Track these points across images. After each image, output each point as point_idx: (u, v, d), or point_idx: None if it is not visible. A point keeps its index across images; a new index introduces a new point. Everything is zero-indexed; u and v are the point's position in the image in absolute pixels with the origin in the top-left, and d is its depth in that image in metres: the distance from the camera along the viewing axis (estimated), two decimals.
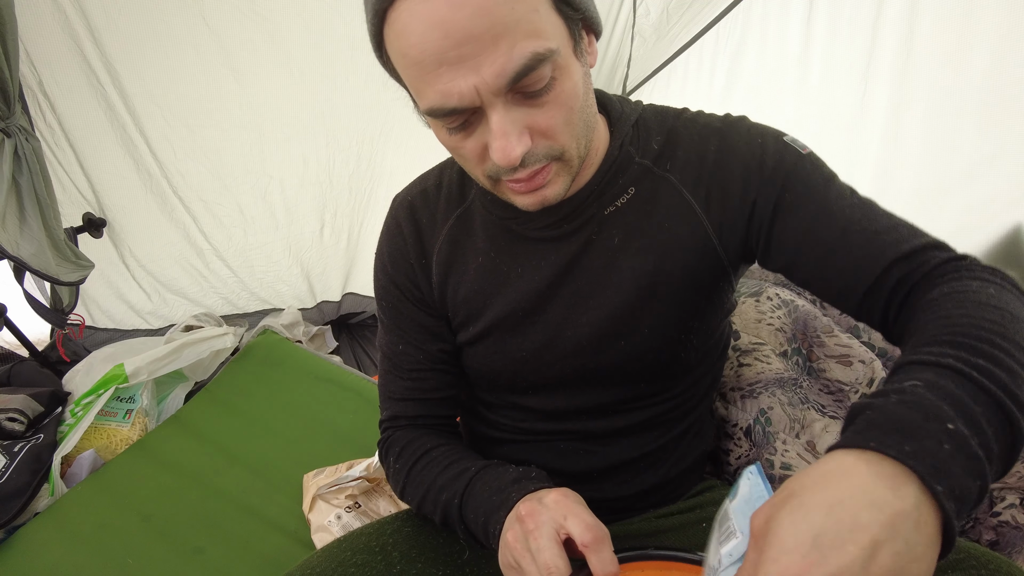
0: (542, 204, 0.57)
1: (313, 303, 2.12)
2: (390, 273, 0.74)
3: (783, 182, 0.61)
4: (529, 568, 0.51)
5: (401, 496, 0.74)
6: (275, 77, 1.63)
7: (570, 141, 0.55)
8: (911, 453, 0.37)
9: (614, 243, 0.65)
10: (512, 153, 0.50)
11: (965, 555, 0.55)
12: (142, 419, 1.44)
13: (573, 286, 0.67)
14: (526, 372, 0.71)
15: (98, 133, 1.57)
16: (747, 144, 0.63)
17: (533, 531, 0.52)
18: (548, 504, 0.54)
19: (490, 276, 0.69)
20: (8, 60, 1.26)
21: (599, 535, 0.51)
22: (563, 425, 0.73)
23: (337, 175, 1.86)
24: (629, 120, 0.66)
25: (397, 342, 0.75)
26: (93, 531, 1.16)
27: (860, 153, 1.50)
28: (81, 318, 1.72)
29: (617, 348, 0.67)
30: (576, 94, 0.53)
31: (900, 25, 1.34)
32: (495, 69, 0.47)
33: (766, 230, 0.62)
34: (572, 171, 0.57)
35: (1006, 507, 0.86)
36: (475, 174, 0.58)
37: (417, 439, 0.73)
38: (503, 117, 0.50)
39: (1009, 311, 0.47)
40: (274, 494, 1.23)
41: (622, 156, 0.65)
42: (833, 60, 1.46)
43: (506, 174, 0.54)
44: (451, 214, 0.71)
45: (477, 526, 0.61)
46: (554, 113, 0.52)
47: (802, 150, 0.63)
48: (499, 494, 0.60)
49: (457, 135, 0.53)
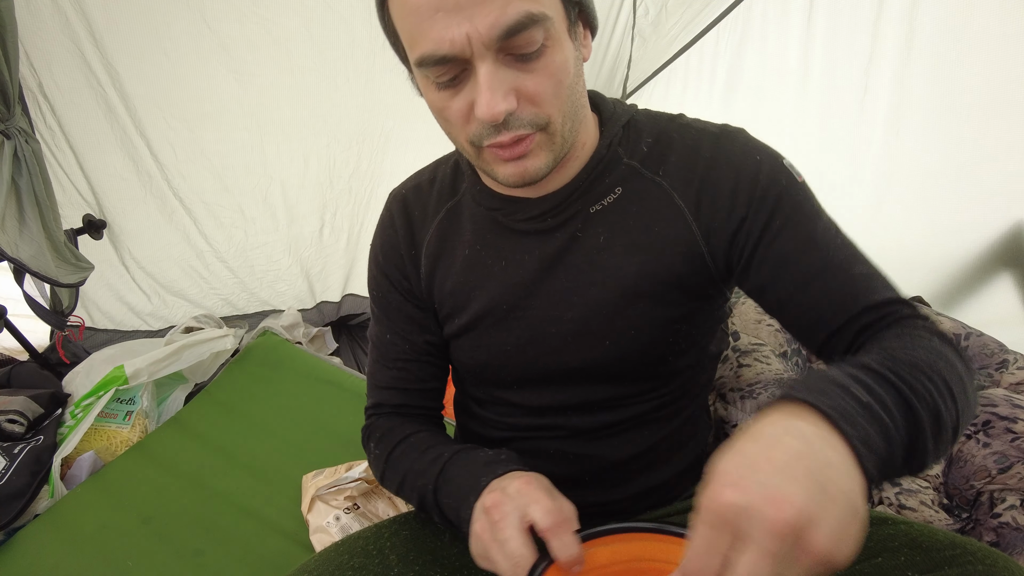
0: (523, 177, 0.57)
1: (313, 304, 2.12)
2: (381, 264, 0.76)
3: (775, 204, 0.61)
4: (498, 558, 0.53)
5: (381, 481, 0.75)
6: (276, 78, 1.63)
7: (556, 114, 0.55)
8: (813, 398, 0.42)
9: (599, 241, 0.65)
10: (496, 108, 0.51)
11: (962, 551, 0.55)
12: (142, 421, 1.44)
13: (557, 282, 0.67)
14: (511, 366, 0.71)
15: (98, 134, 1.57)
16: (742, 156, 0.63)
17: (499, 522, 0.53)
18: (511, 494, 0.55)
19: (475, 269, 0.70)
20: (8, 62, 1.26)
21: (559, 519, 0.52)
22: (549, 420, 0.73)
23: (337, 176, 1.86)
24: (620, 121, 0.66)
25: (385, 332, 0.76)
26: (93, 533, 1.16)
27: (861, 153, 1.50)
28: (81, 320, 1.72)
29: (602, 347, 0.67)
30: (566, 69, 0.54)
31: (900, 24, 1.34)
32: (489, 20, 0.48)
33: (750, 249, 0.63)
34: (555, 148, 0.57)
35: (1006, 508, 0.86)
36: (459, 141, 0.59)
37: (398, 426, 0.75)
38: (491, 73, 0.51)
39: (945, 357, 0.50)
40: (274, 495, 1.23)
41: (610, 155, 0.65)
42: (834, 60, 1.46)
43: (488, 137, 0.55)
44: (442, 207, 0.72)
45: (452, 512, 0.62)
46: (542, 80, 0.53)
47: (797, 177, 0.63)
48: (470, 479, 0.61)
49: (445, 92, 0.54)
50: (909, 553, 0.57)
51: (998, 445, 0.89)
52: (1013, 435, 0.88)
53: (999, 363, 1.02)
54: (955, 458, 0.92)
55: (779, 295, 0.62)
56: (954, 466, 0.92)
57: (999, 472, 0.87)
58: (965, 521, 0.89)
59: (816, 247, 0.60)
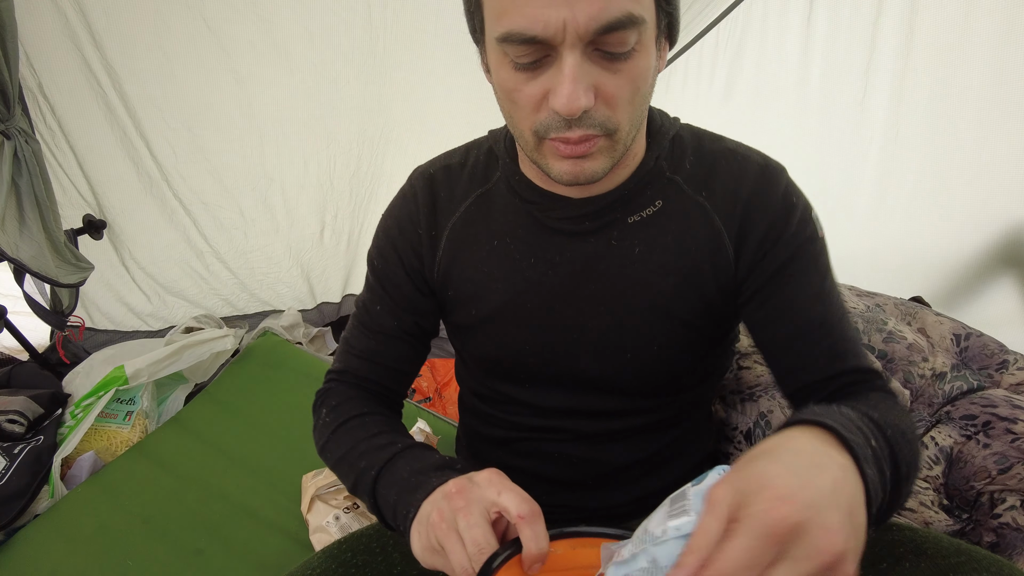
0: (578, 177, 0.56)
1: (313, 304, 2.12)
2: (394, 237, 0.73)
3: (795, 251, 0.63)
4: (454, 548, 0.49)
5: (320, 451, 0.72)
6: (276, 79, 1.63)
7: (626, 122, 0.54)
8: (847, 434, 0.44)
9: (634, 254, 0.65)
10: (577, 102, 0.50)
11: (966, 557, 0.55)
12: (142, 421, 1.44)
13: (586, 289, 0.66)
14: (525, 365, 0.71)
15: (98, 135, 1.57)
16: (783, 199, 0.64)
17: (463, 508, 0.50)
18: (479, 482, 0.52)
19: (502, 261, 0.68)
20: (8, 62, 1.26)
21: (535, 509, 0.50)
22: (555, 423, 0.73)
23: (338, 177, 1.86)
24: (667, 135, 0.66)
25: (376, 302, 0.75)
26: (93, 533, 1.16)
27: (861, 154, 1.50)
28: (81, 320, 1.72)
29: (622, 360, 0.67)
30: (647, 77, 0.54)
31: (900, 25, 1.34)
32: (591, 11, 0.47)
33: (760, 285, 0.64)
34: (615, 155, 0.57)
35: (1006, 509, 0.86)
36: (521, 128, 0.57)
37: (357, 398, 0.73)
38: (578, 65, 0.49)
39: (913, 428, 0.57)
40: (274, 495, 1.23)
41: (656, 168, 0.64)
42: (834, 60, 1.46)
43: (556, 130, 0.53)
44: (472, 193, 0.70)
45: (387, 504, 0.60)
46: (624, 84, 0.52)
47: (820, 231, 0.65)
48: (418, 476, 0.58)
49: (522, 74, 0.52)
50: (914, 560, 0.57)
51: (998, 446, 0.89)
52: (1013, 436, 0.88)
53: (999, 364, 1.02)
54: (955, 459, 0.92)
55: (774, 335, 0.65)
56: (954, 467, 0.92)
57: (999, 473, 0.87)
58: (965, 522, 0.89)
59: (820, 302, 0.63)
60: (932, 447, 0.93)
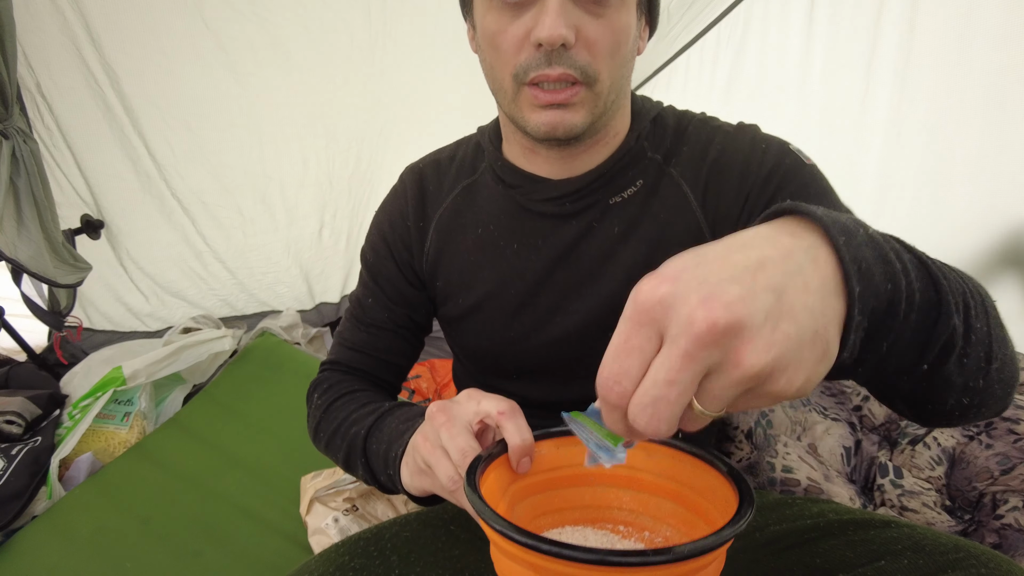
0: (556, 128, 0.57)
1: (312, 305, 2.11)
2: (385, 232, 0.75)
3: (779, 183, 0.62)
4: (439, 462, 0.50)
5: (314, 436, 0.73)
6: (275, 78, 1.63)
7: (606, 74, 0.56)
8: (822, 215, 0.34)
9: (614, 233, 0.65)
10: (558, 29, 0.52)
11: (964, 553, 0.54)
12: (140, 422, 1.43)
13: (568, 272, 0.67)
14: (512, 354, 0.71)
15: (96, 135, 1.57)
16: (751, 146, 0.64)
17: (445, 423, 0.51)
18: (459, 399, 0.53)
19: (486, 249, 0.70)
20: (6, 62, 1.26)
21: (514, 405, 0.50)
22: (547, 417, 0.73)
23: (337, 176, 1.85)
24: (648, 115, 0.67)
25: (368, 296, 0.76)
26: (91, 534, 1.15)
27: (862, 153, 1.49)
28: (79, 320, 1.72)
29: (605, 341, 0.67)
30: (627, 35, 0.56)
31: (901, 24, 1.34)
32: None
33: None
34: (595, 110, 0.58)
35: (1009, 510, 0.85)
36: (502, 76, 0.58)
37: (347, 380, 0.74)
38: (562, 2, 0.52)
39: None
40: (273, 496, 1.22)
41: (637, 148, 0.65)
42: (834, 59, 1.46)
43: (536, 68, 0.55)
44: (459, 184, 0.72)
45: (377, 457, 0.60)
46: (605, 33, 0.55)
47: (805, 160, 0.63)
48: (405, 423, 0.60)
49: (505, 15, 0.55)
50: (912, 556, 0.57)
51: (1000, 446, 0.88)
52: (1015, 436, 0.88)
53: None
54: (957, 459, 0.92)
55: None
56: (956, 467, 0.92)
57: (1001, 473, 0.87)
58: (967, 523, 0.89)
59: None
60: (934, 448, 0.93)
